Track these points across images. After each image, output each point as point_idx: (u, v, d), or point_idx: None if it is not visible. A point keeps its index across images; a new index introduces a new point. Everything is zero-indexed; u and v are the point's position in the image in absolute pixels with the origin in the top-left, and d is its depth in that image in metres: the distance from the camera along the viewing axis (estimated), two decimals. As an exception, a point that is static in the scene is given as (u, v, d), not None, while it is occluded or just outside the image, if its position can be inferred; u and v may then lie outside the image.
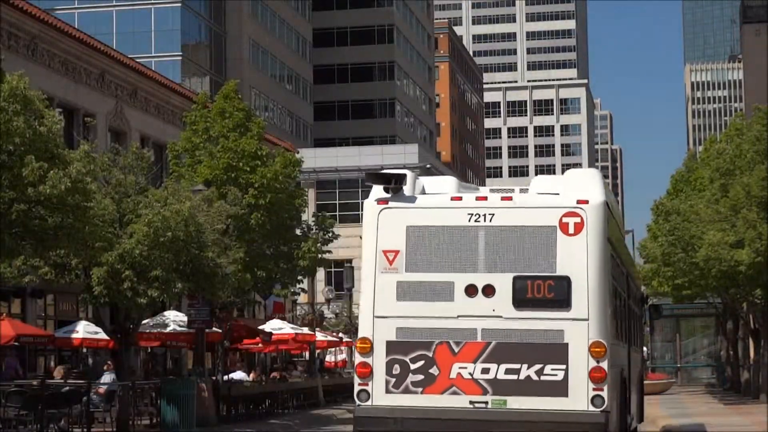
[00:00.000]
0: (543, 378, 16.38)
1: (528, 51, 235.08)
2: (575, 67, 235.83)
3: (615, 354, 17.40)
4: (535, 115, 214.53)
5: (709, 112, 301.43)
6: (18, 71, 22.36)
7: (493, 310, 16.58)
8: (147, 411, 31.49)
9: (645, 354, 54.03)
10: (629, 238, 66.25)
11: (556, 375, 16.37)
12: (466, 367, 16.56)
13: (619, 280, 19.17)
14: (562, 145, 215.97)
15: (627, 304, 21.08)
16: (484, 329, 16.58)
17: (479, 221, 16.72)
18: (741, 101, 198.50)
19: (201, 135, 38.44)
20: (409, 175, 17.08)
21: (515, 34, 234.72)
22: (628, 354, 20.51)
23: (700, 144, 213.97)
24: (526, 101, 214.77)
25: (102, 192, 27.74)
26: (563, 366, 16.35)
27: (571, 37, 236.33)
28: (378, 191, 17.06)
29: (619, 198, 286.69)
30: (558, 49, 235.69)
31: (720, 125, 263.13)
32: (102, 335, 33.83)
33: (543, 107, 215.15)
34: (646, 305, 27.60)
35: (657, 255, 42.14)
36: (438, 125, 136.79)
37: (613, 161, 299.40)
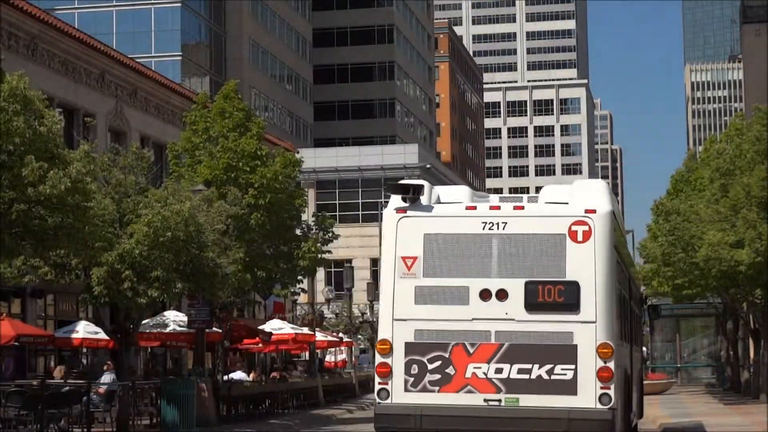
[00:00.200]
0: (553, 377, 17.33)
1: (528, 51, 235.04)
2: (575, 67, 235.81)
3: (620, 354, 18.24)
4: (535, 115, 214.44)
5: (709, 112, 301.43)
6: (18, 71, 22.36)
7: (506, 313, 17.56)
8: (147, 411, 31.50)
9: (645, 354, 54.09)
10: (629, 238, 66.24)
11: (565, 374, 17.32)
12: (480, 367, 17.50)
13: (623, 283, 19.97)
14: (562, 145, 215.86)
15: (629, 305, 21.88)
16: (497, 331, 17.53)
17: (493, 229, 17.70)
18: (741, 101, 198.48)
19: (201, 135, 38.42)
20: (426, 186, 18.03)
21: (515, 34, 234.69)
22: (630, 354, 21.34)
23: (700, 144, 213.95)
24: (526, 101, 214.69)
25: (102, 192, 27.74)
26: (572, 366, 17.30)
27: (571, 37, 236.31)
28: (397, 201, 18.04)
29: (619, 198, 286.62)
30: (558, 49, 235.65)
31: (720, 125, 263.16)
32: (102, 335, 33.83)
33: (543, 107, 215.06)
34: (645, 306, 28.52)
35: (657, 255, 42.14)
36: (438, 125, 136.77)
37: (613, 161, 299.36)
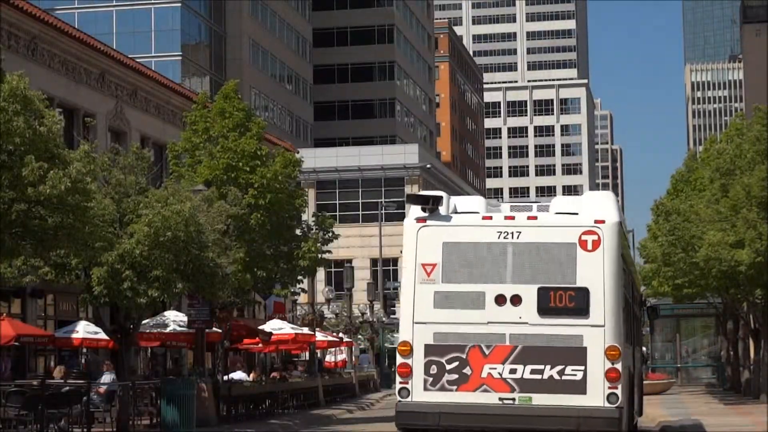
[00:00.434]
0: (564, 378, 18.48)
1: (528, 51, 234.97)
2: (575, 67, 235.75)
3: (625, 356, 19.31)
4: (535, 115, 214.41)
5: (710, 112, 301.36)
6: (18, 71, 22.31)
7: (520, 317, 18.70)
8: (147, 411, 31.48)
9: (645, 354, 54.10)
10: (629, 237, 66.24)
11: (575, 375, 18.47)
12: (495, 368, 18.69)
13: (627, 288, 20.95)
14: (562, 145, 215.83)
15: (632, 309, 22.97)
16: (511, 334, 18.68)
17: (507, 238, 18.85)
18: (741, 101, 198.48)
19: (201, 135, 38.40)
20: (445, 197, 19.17)
21: (515, 34, 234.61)
22: (633, 354, 22.35)
23: (700, 144, 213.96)
24: (526, 101, 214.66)
25: (102, 192, 27.72)
26: (582, 367, 18.45)
27: (571, 37, 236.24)
28: (417, 211, 19.19)
29: (619, 198, 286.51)
30: (558, 49, 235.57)
31: (720, 125, 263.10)
32: (102, 335, 33.78)
33: (543, 107, 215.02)
34: (644, 307, 29.67)
35: (657, 255, 42.14)
36: (438, 125, 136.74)
37: (613, 161, 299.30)
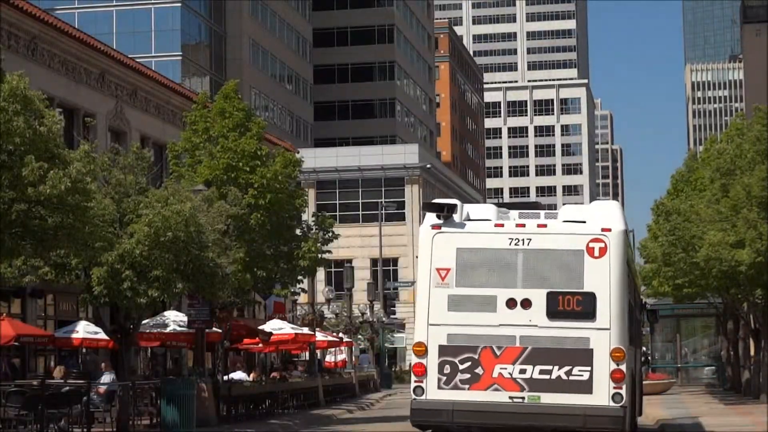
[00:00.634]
0: (571, 378, 19.40)
1: (528, 51, 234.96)
2: (575, 67, 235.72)
3: (629, 357, 20.25)
4: (536, 115, 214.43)
5: (710, 112, 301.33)
6: (18, 71, 22.29)
7: (530, 320, 19.65)
8: (147, 411, 31.47)
9: (647, 356, 54.15)
10: (629, 237, 66.24)
11: (582, 375, 19.39)
12: (506, 368, 19.62)
13: (631, 293, 21.82)
14: (562, 145, 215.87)
15: (634, 312, 23.74)
16: (521, 336, 19.63)
17: (518, 245, 19.83)
18: (741, 101, 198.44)
19: (201, 135, 38.37)
20: (459, 205, 20.15)
21: (515, 34, 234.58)
22: (635, 355, 23.24)
23: (700, 144, 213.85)
24: (526, 101, 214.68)
25: (102, 192, 27.70)
26: (588, 368, 19.38)
27: (571, 37, 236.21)
28: (432, 218, 20.17)
29: (619, 198, 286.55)
30: (558, 49, 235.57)
31: (720, 125, 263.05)
32: (102, 335, 33.76)
33: (543, 107, 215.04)
34: (645, 310, 30.33)
35: (657, 255, 42.13)
36: (438, 125, 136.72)
37: (613, 161, 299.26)
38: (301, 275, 41.74)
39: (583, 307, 19.43)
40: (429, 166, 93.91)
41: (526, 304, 19.63)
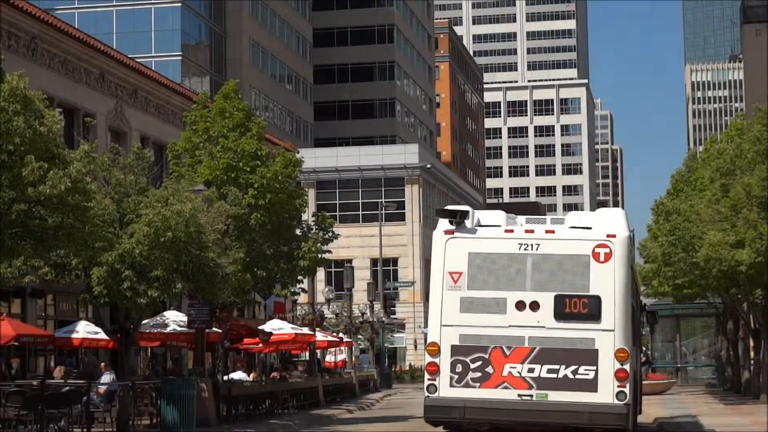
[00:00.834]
0: (577, 377, 20.32)
1: (528, 51, 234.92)
2: (575, 67, 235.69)
3: (632, 357, 21.20)
4: (536, 115, 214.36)
5: (710, 112, 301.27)
6: (18, 71, 22.29)
7: (538, 321, 20.59)
8: (147, 411, 31.46)
9: (648, 356, 54.12)
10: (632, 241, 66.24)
11: (588, 374, 20.30)
12: (515, 367, 20.56)
13: (633, 296, 22.76)
14: (562, 145, 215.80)
15: (636, 313, 24.53)
16: (530, 337, 20.58)
17: (527, 250, 20.75)
18: (741, 101, 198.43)
19: (201, 135, 38.37)
20: (471, 211, 21.14)
21: (515, 34, 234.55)
22: (636, 355, 24.14)
23: (700, 144, 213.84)
24: (526, 101, 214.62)
25: (102, 192, 27.69)
26: (594, 367, 20.27)
27: (571, 37, 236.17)
28: (444, 224, 21.13)
29: (619, 198, 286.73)
30: (558, 49, 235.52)
31: (720, 125, 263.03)
32: (102, 335, 33.78)
33: (543, 107, 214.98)
34: (644, 312, 31.41)
35: (657, 255, 42.12)
36: (438, 125, 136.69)
37: (613, 161, 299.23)
38: (301, 275, 41.73)
39: (589, 310, 20.34)
40: (429, 166, 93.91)
41: (534, 306, 20.54)
